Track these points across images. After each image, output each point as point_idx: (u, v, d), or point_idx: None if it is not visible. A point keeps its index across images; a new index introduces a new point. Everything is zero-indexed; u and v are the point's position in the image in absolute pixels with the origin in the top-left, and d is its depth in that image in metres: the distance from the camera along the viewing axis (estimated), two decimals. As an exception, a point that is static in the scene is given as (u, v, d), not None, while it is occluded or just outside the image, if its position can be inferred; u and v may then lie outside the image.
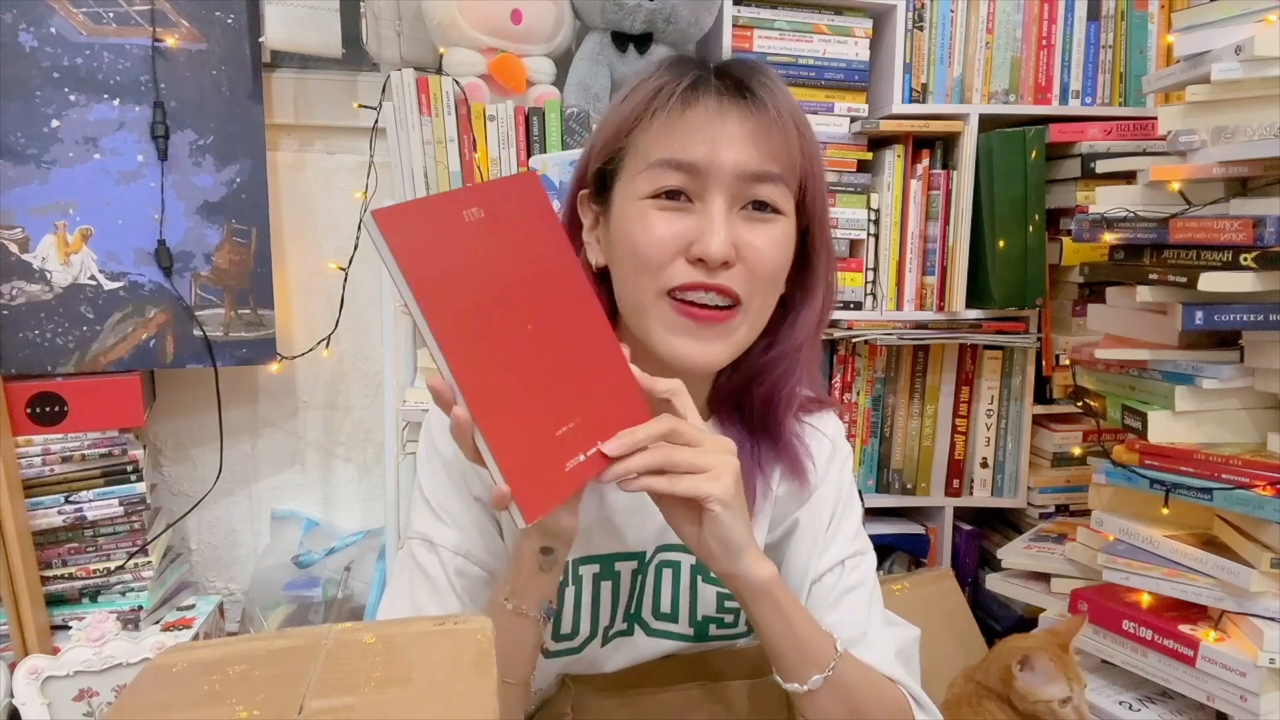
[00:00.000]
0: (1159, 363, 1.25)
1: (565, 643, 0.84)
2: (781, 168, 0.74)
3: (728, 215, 0.73)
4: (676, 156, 0.73)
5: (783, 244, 0.76)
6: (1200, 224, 1.16)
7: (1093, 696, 1.20)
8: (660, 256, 0.73)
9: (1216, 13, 1.16)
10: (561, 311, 0.69)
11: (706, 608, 0.86)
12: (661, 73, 0.76)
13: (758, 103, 0.74)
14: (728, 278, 0.73)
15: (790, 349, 0.80)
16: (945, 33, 1.54)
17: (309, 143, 1.69)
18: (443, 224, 0.62)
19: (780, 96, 0.75)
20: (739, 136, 0.73)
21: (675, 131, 0.73)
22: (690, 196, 0.74)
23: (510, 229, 0.67)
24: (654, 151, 0.74)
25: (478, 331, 0.63)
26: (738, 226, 0.74)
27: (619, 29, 1.46)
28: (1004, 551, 1.47)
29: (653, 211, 0.74)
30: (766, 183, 0.74)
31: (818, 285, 0.81)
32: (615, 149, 0.77)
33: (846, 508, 0.89)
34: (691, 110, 0.73)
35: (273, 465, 1.76)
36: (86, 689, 1.36)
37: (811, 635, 0.76)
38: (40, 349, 1.47)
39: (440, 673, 0.51)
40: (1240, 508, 1.12)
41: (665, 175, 0.73)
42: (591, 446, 0.67)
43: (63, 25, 1.45)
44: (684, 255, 0.73)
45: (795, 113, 0.76)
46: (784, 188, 0.75)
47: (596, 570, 0.84)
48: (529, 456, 0.64)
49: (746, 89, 0.74)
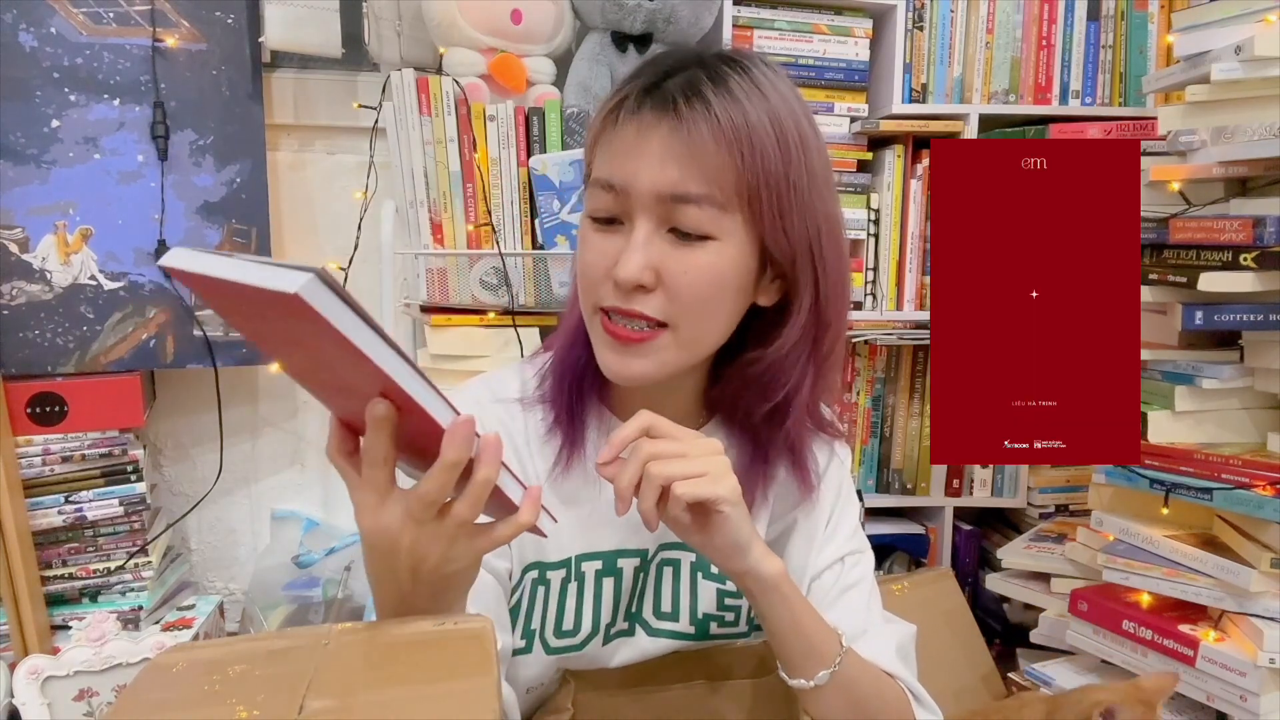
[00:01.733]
0: (1159, 363, 1.25)
1: (567, 639, 0.83)
2: (705, 188, 0.70)
3: (650, 238, 0.72)
4: (603, 177, 0.73)
5: (710, 269, 0.72)
6: (1200, 224, 1.16)
7: (1093, 696, 1.20)
8: (592, 276, 0.74)
9: (1216, 13, 1.16)
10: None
11: (707, 605, 0.86)
12: (627, 79, 0.76)
13: (692, 116, 0.69)
14: (644, 303, 0.72)
15: (778, 359, 0.78)
16: (945, 33, 1.54)
17: (309, 143, 1.68)
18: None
19: (728, 106, 0.70)
20: (661, 156, 0.70)
21: (607, 151, 0.74)
22: (620, 219, 0.74)
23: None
24: (595, 169, 0.76)
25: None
26: (662, 250, 0.72)
27: (619, 29, 1.46)
28: (1004, 551, 1.47)
29: (590, 231, 0.75)
30: (688, 204, 0.70)
31: (802, 291, 0.76)
32: (588, 160, 0.79)
33: (845, 506, 0.89)
34: (621, 128, 0.73)
35: (273, 465, 1.76)
36: (86, 689, 1.36)
37: (817, 631, 0.76)
38: (40, 349, 1.47)
39: (440, 673, 0.51)
40: (1240, 508, 1.12)
41: (597, 196, 0.74)
42: None
43: (63, 25, 1.44)
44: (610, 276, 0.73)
45: (747, 123, 0.70)
46: (712, 209, 0.71)
47: (599, 567, 0.83)
48: None
49: (686, 103, 0.70)
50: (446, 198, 1.41)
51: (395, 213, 1.47)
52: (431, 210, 1.41)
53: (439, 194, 1.41)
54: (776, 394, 0.79)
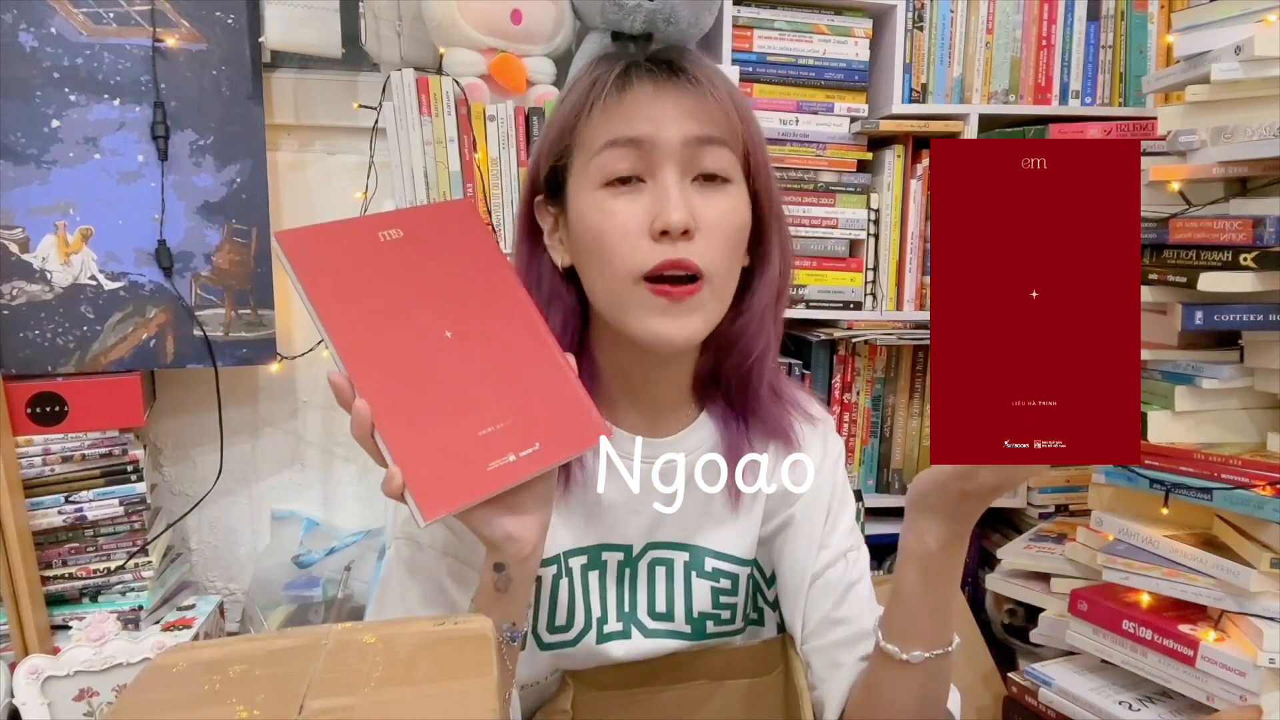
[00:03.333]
0: (1159, 363, 1.25)
1: (559, 634, 0.84)
2: (724, 133, 0.75)
3: (681, 186, 0.74)
4: (623, 134, 0.74)
5: (738, 211, 0.77)
6: (1200, 224, 1.16)
7: (1093, 696, 1.20)
8: (626, 241, 0.74)
9: (1216, 13, 1.16)
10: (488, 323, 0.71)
11: (702, 604, 0.86)
12: (594, 66, 0.78)
13: (692, 80, 0.75)
14: (689, 250, 0.73)
15: (754, 317, 0.81)
16: (945, 33, 1.54)
17: (309, 143, 1.69)
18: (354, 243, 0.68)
19: (711, 72, 0.77)
20: (678, 110, 0.74)
21: (617, 115, 0.75)
22: (642, 176, 0.74)
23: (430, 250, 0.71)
24: (599, 137, 0.75)
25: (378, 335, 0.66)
26: (692, 198, 0.74)
27: (619, 29, 1.46)
28: (1004, 551, 1.47)
29: (609, 200, 0.74)
30: (712, 146, 0.75)
31: (772, 251, 0.82)
32: (562, 147, 0.78)
33: (842, 502, 0.89)
34: (629, 94, 0.75)
35: (273, 465, 1.76)
36: (86, 689, 1.36)
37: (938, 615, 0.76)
38: (40, 349, 1.47)
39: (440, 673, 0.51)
40: (1240, 508, 1.12)
41: (614, 157, 0.74)
42: (527, 447, 0.67)
43: (63, 25, 1.45)
44: (648, 234, 0.73)
45: (728, 85, 0.78)
46: (730, 153, 0.76)
47: (584, 561, 0.84)
48: (437, 451, 0.64)
49: (678, 68, 0.76)
50: (446, 198, 1.41)
51: (395, 213, 1.47)
52: (431, 210, 1.41)
53: (439, 194, 1.41)
54: (751, 354, 0.82)
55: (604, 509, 0.84)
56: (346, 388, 0.64)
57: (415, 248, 0.70)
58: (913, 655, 0.75)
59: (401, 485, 0.62)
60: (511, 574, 0.70)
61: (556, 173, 0.79)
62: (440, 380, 0.67)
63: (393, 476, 0.62)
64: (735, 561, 0.87)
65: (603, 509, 0.84)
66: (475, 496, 0.65)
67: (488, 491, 0.66)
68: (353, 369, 0.64)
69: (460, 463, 0.65)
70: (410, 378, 0.66)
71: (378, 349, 0.65)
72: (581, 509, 0.83)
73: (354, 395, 0.63)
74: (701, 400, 0.87)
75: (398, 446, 0.63)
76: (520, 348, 0.72)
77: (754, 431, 0.86)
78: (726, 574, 0.87)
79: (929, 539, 0.73)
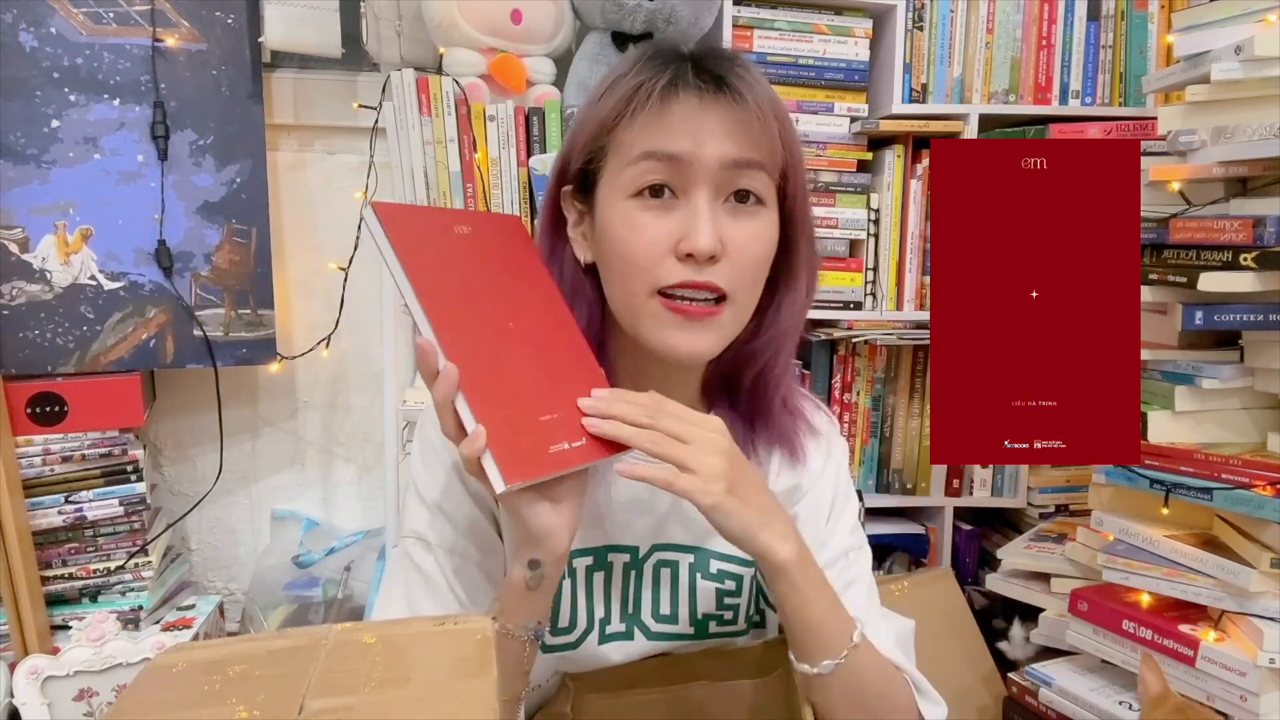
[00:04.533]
0: (1159, 363, 1.25)
1: (562, 636, 0.84)
2: (764, 157, 0.75)
3: (712, 208, 0.73)
4: (662, 148, 0.73)
5: (766, 236, 0.77)
6: (1200, 224, 1.16)
7: (1093, 696, 1.20)
8: (650, 257, 0.74)
9: (1216, 13, 1.16)
10: (539, 323, 0.74)
11: (706, 605, 0.86)
12: (640, 68, 0.76)
13: (738, 96, 0.74)
14: (714, 273, 0.73)
15: (777, 335, 0.81)
16: (945, 33, 1.54)
17: (309, 143, 1.69)
18: (434, 226, 0.72)
19: (759, 89, 0.75)
20: (720, 129, 0.73)
21: (657, 127, 0.73)
22: (674, 191, 0.74)
23: (493, 249, 0.75)
24: (637, 146, 0.74)
25: (462, 310, 0.69)
26: (722, 220, 0.74)
27: (619, 29, 1.46)
28: (1004, 551, 1.46)
29: (638, 212, 0.74)
30: (749, 170, 0.74)
31: (800, 273, 0.81)
32: (596, 147, 0.77)
33: (844, 502, 0.89)
34: (672, 106, 0.73)
35: (273, 465, 1.76)
36: (86, 689, 1.36)
37: (828, 620, 0.76)
38: (40, 349, 1.47)
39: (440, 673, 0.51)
40: (1240, 508, 1.12)
41: (649, 169, 0.73)
42: (576, 440, 0.69)
43: (63, 25, 1.45)
44: (673, 253, 0.73)
45: (775, 104, 0.76)
46: (766, 177, 0.75)
47: (589, 563, 0.84)
48: (510, 423, 0.66)
49: (726, 84, 0.74)
50: (446, 198, 1.41)
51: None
52: (431, 210, 1.41)
53: (439, 194, 1.41)
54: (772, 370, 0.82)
55: (611, 511, 0.83)
56: (432, 351, 0.66)
57: (483, 245, 0.74)
58: (823, 667, 0.76)
59: (483, 446, 0.64)
60: (545, 571, 0.71)
61: (587, 171, 0.79)
62: (509, 362, 0.70)
63: (477, 436, 0.64)
64: (740, 563, 0.87)
65: (610, 511, 0.83)
66: (544, 473, 0.67)
67: (553, 470, 0.68)
68: (440, 334, 0.66)
69: (530, 438, 0.67)
70: (488, 354, 0.69)
71: (460, 322, 0.68)
72: (589, 511, 0.83)
73: (439, 359, 0.66)
74: (709, 403, 0.87)
75: (480, 410, 0.65)
76: (566, 351, 0.75)
77: (760, 437, 0.86)
78: (731, 575, 0.87)
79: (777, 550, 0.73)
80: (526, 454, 0.66)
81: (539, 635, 0.74)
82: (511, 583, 0.72)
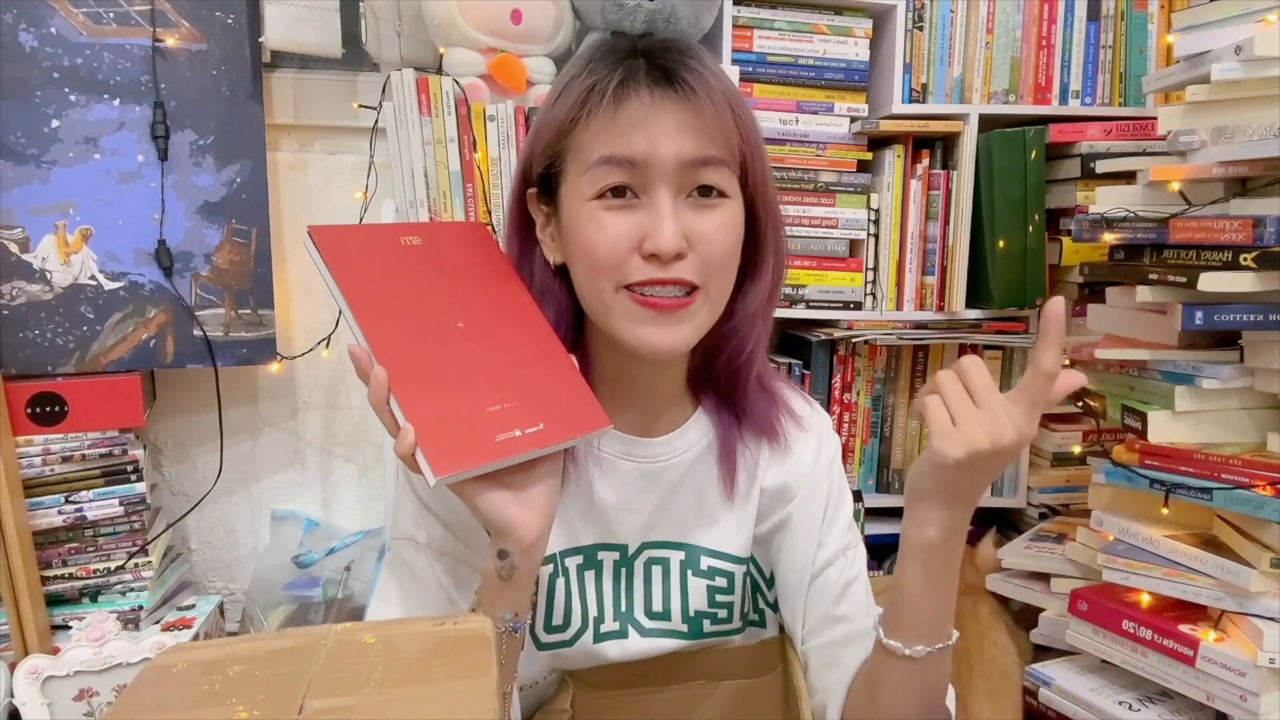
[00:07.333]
0: (1159, 363, 1.25)
1: (556, 634, 0.84)
2: (721, 151, 0.75)
3: (674, 206, 0.74)
4: (617, 153, 0.73)
5: (731, 227, 0.77)
6: (1200, 224, 1.16)
7: (1093, 696, 1.20)
8: (614, 256, 0.74)
9: (1216, 13, 1.16)
10: (495, 321, 0.76)
11: (698, 602, 0.86)
12: (593, 68, 0.76)
13: (690, 92, 0.74)
14: (681, 269, 0.74)
15: (745, 318, 0.82)
16: (945, 33, 1.54)
17: (309, 143, 1.68)
18: (376, 242, 0.76)
19: (713, 81, 0.75)
20: (675, 128, 0.73)
21: (612, 129, 0.74)
22: (635, 191, 0.74)
23: (448, 256, 0.79)
24: (594, 150, 0.74)
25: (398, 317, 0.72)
26: (686, 216, 0.74)
27: (619, 29, 1.46)
28: (1004, 551, 1.47)
29: (601, 212, 0.74)
30: (708, 166, 0.74)
31: (767, 258, 0.82)
32: (555, 151, 0.78)
33: (839, 500, 0.90)
34: (625, 107, 0.73)
35: (273, 465, 1.76)
36: (86, 689, 1.36)
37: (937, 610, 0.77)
38: (40, 349, 1.47)
39: (440, 672, 0.51)
40: (1240, 508, 1.12)
41: (608, 172, 0.74)
42: (532, 425, 0.71)
43: (63, 25, 1.45)
44: (637, 251, 0.74)
45: (730, 95, 0.76)
46: (726, 170, 0.76)
47: (580, 561, 0.85)
48: (445, 419, 0.68)
49: (678, 79, 0.74)
50: (446, 198, 1.41)
51: (395, 213, 1.47)
52: (431, 210, 1.41)
53: (439, 194, 1.41)
54: (741, 353, 0.83)
55: (599, 509, 0.84)
56: (365, 357, 0.68)
57: (432, 252, 0.77)
58: (915, 650, 0.76)
59: (413, 443, 0.65)
60: (515, 561, 0.71)
61: (549, 174, 0.79)
62: (451, 360, 0.72)
63: (405, 434, 0.65)
64: (731, 559, 0.87)
65: (598, 509, 0.84)
66: (483, 461, 0.68)
67: (494, 459, 0.68)
68: (373, 342, 0.69)
69: (469, 430, 0.68)
70: (424, 355, 0.71)
71: (395, 328, 0.71)
72: (577, 509, 0.84)
73: (372, 364, 0.68)
74: (696, 396, 0.88)
75: (411, 409, 0.67)
76: (527, 344, 0.76)
77: (746, 428, 0.87)
78: (722, 572, 0.87)
79: (930, 530, 0.73)
80: (462, 446, 0.67)
81: (519, 628, 0.73)
82: (486, 573, 0.72)
